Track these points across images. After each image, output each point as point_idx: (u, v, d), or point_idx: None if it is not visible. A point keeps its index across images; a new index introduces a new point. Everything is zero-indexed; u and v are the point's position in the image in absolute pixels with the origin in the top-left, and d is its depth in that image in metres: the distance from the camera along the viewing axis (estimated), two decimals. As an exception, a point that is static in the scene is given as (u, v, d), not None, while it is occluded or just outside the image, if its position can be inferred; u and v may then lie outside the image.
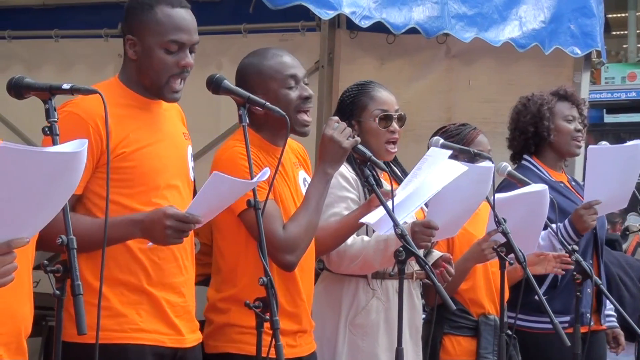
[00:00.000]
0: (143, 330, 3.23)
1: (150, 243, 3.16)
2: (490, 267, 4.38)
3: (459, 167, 3.70)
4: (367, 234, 3.91)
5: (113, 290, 3.18)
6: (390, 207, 3.36)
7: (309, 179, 3.69)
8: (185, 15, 3.28)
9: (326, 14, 4.63)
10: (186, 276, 3.33)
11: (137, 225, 3.12)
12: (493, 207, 3.95)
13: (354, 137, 3.58)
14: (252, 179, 3.10)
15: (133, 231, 3.14)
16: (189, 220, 3.06)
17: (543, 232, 4.50)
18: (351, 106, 4.06)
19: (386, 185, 3.84)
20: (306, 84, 3.68)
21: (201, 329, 3.51)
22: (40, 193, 2.33)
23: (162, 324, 3.26)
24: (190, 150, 3.43)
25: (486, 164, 3.99)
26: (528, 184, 4.34)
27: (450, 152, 3.78)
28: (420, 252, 3.27)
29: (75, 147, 2.33)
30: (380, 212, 3.50)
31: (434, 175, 3.64)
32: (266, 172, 3.09)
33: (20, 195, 2.30)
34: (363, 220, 3.59)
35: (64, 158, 2.32)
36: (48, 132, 2.60)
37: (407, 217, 3.62)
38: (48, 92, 2.68)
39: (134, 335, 3.21)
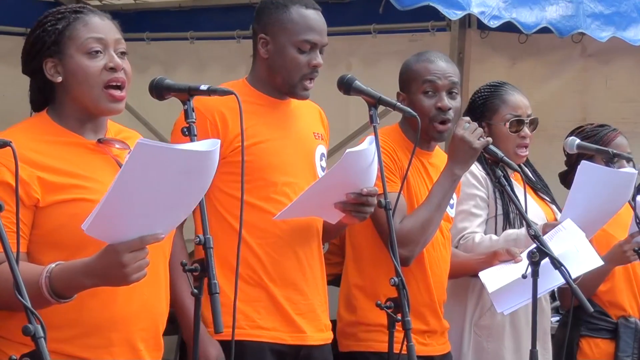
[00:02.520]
0: (261, 328, 3.25)
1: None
2: (632, 268, 4.28)
3: (595, 261, 3.57)
4: (495, 233, 3.88)
5: (232, 287, 3.19)
6: (526, 207, 3.31)
7: None
8: (317, 17, 3.35)
9: (454, 14, 4.61)
10: (309, 275, 3.33)
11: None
12: (635, 210, 3.87)
13: (485, 138, 3.56)
14: (383, 182, 3.09)
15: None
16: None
17: None
18: (482, 108, 4.02)
19: (517, 187, 3.81)
20: (453, 92, 3.64)
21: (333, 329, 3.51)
22: (173, 189, 2.35)
23: (282, 321, 3.27)
24: (320, 150, 3.43)
25: (629, 169, 3.90)
26: None
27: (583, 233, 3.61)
28: (554, 253, 3.22)
29: (208, 146, 2.36)
30: (501, 276, 3.49)
31: (566, 258, 3.37)
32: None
33: (153, 191, 2.33)
34: (481, 275, 3.58)
35: (198, 156, 2.35)
36: (187, 133, 2.63)
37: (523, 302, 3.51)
38: (187, 93, 2.71)
39: (251, 332, 3.24)
